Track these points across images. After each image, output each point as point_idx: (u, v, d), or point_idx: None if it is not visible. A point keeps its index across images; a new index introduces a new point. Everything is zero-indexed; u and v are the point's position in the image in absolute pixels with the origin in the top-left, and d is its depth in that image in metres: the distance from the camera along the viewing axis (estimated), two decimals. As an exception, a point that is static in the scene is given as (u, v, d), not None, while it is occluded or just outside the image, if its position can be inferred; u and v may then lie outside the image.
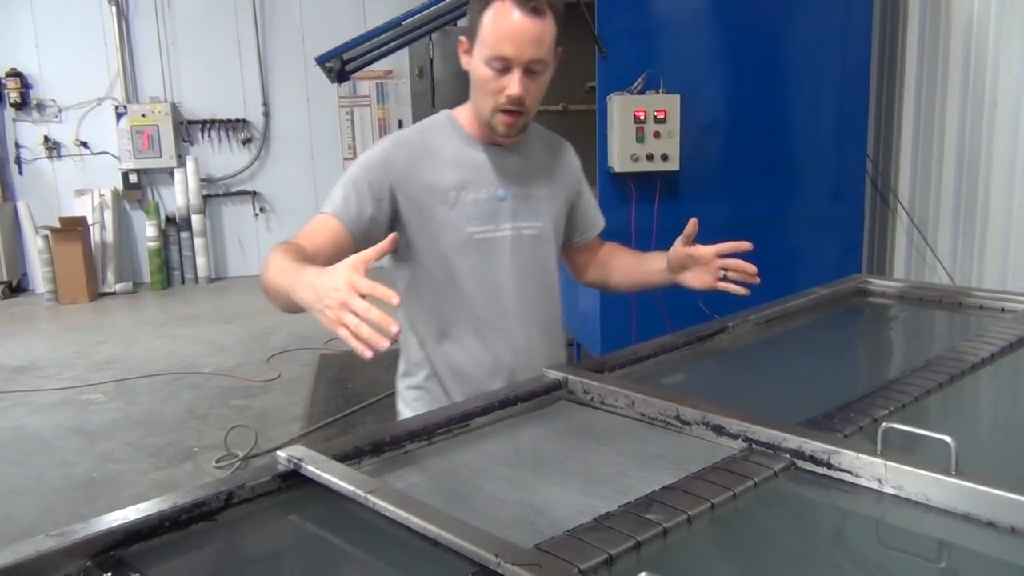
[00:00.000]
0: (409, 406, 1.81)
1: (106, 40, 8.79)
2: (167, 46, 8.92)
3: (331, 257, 1.53)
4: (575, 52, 5.10)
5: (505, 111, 1.63)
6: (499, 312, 1.75)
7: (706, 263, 1.75)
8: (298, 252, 1.49)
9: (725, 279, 1.74)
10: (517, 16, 1.55)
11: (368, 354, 1.19)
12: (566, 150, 1.92)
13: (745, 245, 1.73)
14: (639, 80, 3.54)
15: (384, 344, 1.18)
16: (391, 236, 1.39)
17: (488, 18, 1.57)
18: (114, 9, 8.69)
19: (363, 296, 1.20)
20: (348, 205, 1.64)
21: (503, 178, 1.74)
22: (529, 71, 1.59)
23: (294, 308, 1.40)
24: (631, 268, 1.95)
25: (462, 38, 1.66)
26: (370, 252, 1.29)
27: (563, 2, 1.64)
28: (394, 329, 1.19)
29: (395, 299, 1.21)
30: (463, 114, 1.76)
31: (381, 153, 1.69)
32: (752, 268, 1.73)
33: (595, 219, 1.99)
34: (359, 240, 1.63)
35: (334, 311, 1.22)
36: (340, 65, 5.25)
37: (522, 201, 1.76)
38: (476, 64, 1.61)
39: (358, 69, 5.69)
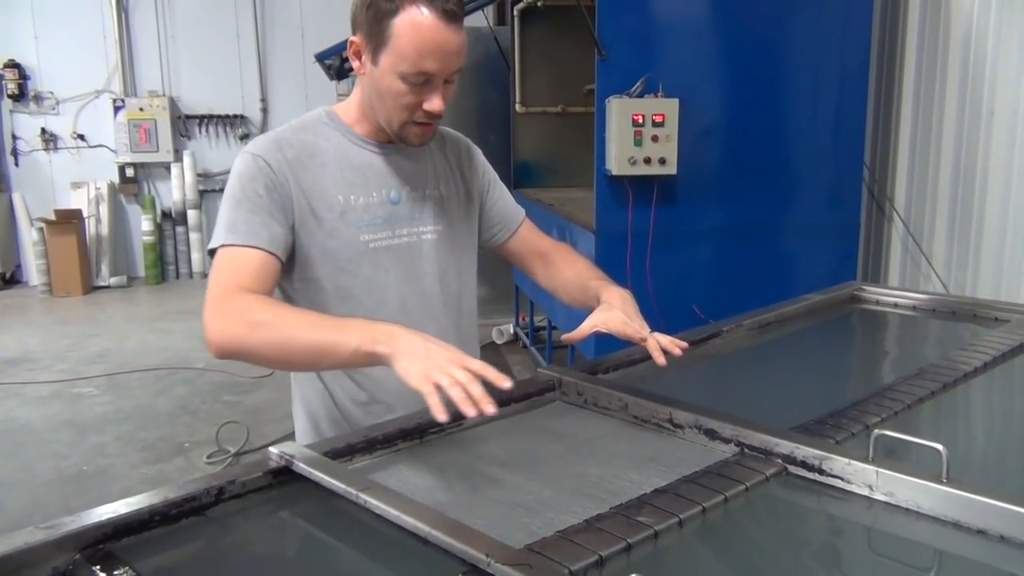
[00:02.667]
0: (309, 438, 1.62)
1: (105, 33, 8.77)
2: (166, 40, 8.91)
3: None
4: (574, 54, 5.14)
5: (418, 122, 1.49)
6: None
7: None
8: (287, 304, 1.43)
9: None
10: (438, 26, 1.39)
11: (444, 417, 1.16)
12: (463, 145, 1.76)
13: (641, 338, 1.55)
14: (638, 83, 3.55)
15: (472, 412, 1.15)
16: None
17: (403, 27, 1.39)
18: (114, 2, 8.68)
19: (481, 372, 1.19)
20: (255, 229, 1.45)
21: (395, 179, 1.59)
22: (447, 81, 1.46)
23: (330, 364, 1.36)
24: (578, 294, 1.77)
25: (354, 39, 1.47)
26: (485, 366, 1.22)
27: None
28: (490, 410, 1.16)
29: (507, 383, 1.19)
30: (347, 111, 1.59)
31: (259, 155, 1.51)
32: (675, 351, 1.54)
33: (511, 211, 1.81)
34: (285, 259, 1.50)
35: (430, 366, 1.18)
36: (339, 62, 5.26)
37: (418, 203, 1.61)
38: (386, 76, 1.43)
39: (357, 67, 5.69)
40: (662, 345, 1.52)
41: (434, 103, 1.45)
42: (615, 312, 1.59)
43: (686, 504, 1.10)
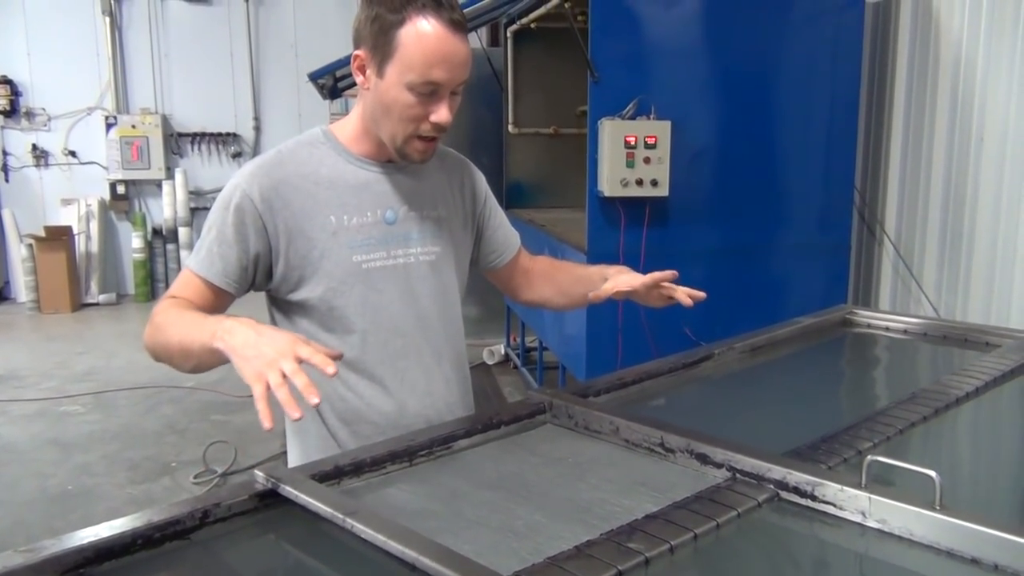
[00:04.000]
0: (298, 455, 1.64)
1: (98, 50, 8.78)
2: (159, 58, 8.93)
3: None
4: (567, 76, 5.17)
5: (423, 137, 1.49)
6: (398, 351, 1.59)
7: (645, 295, 1.69)
8: (188, 307, 1.42)
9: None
10: (445, 35, 1.40)
11: (268, 424, 1.13)
12: (465, 167, 1.74)
13: (670, 274, 1.69)
14: (631, 105, 3.57)
15: (296, 415, 1.12)
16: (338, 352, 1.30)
17: (410, 37, 1.39)
18: (107, 19, 8.70)
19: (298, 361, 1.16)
20: (212, 259, 1.49)
21: (391, 199, 1.57)
22: (452, 93, 1.46)
23: (197, 363, 1.35)
24: (577, 288, 1.81)
25: (359, 52, 1.46)
26: (316, 349, 1.20)
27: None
28: (315, 401, 1.14)
29: (331, 368, 1.16)
30: (343, 130, 1.58)
31: (241, 185, 1.50)
32: (698, 295, 1.71)
33: (509, 238, 1.83)
34: (237, 290, 1.52)
35: (263, 363, 1.16)
36: (333, 82, 5.27)
37: (415, 224, 1.59)
38: (392, 88, 1.43)
39: (351, 87, 5.70)
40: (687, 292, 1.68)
41: (441, 114, 1.45)
42: (631, 274, 1.71)
43: (677, 530, 1.09)
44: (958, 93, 3.73)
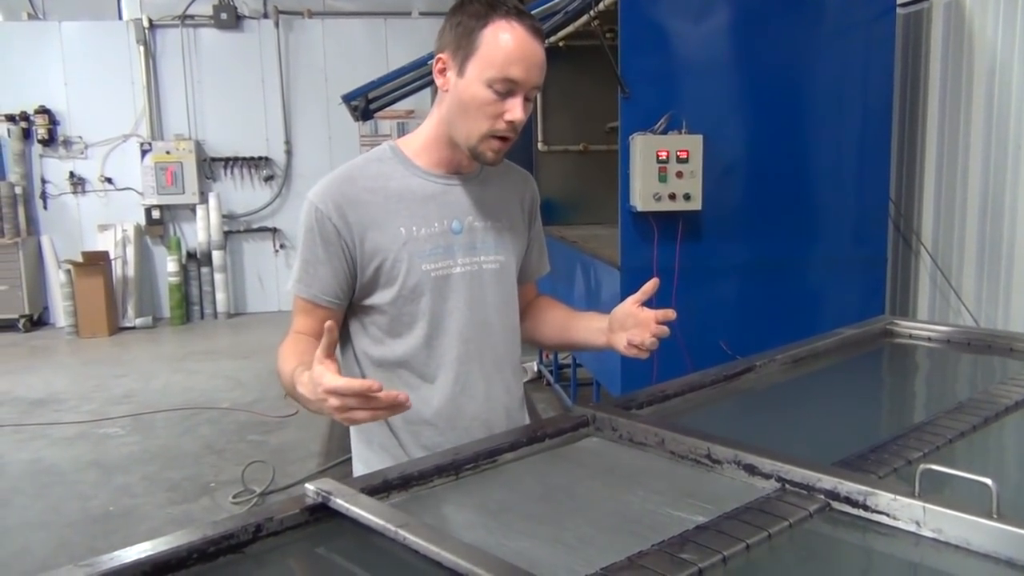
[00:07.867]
0: (365, 463, 1.69)
1: (133, 79, 8.96)
2: (192, 85, 9.09)
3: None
4: (595, 93, 5.19)
5: (497, 136, 1.53)
6: (461, 356, 1.63)
7: (643, 324, 1.59)
8: (295, 353, 1.49)
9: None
10: (526, 37, 1.48)
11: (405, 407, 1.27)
12: (528, 182, 1.80)
13: (671, 314, 1.58)
14: (662, 120, 3.57)
15: (405, 406, 1.26)
16: (328, 325, 1.31)
17: (492, 37, 1.47)
18: (142, 49, 8.87)
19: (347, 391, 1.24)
20: (309, 280, 1.57)
21: (457, 210, 1.62)
22: (526, 98, 1.51)
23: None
24: (568, 324, 1.80)
25: (441, 55, 1.53)
26: (321, 351, 1.27)
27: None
28: (402, 397, 1.25)
29: (375, 385, 1.23)
30: (410, 145, 1.64)
31: (315, 203, 1.56)
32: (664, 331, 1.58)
33: (540, 262, 1.86)
34: (338, 305, 1.59)
35: (340, 415, 1.27)
36: (365, 104, 5.32)
37: (479, 233, 1.65)
38: (471, 85, 1.49)
39: (382, 108, 5.76)
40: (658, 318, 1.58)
41: (516, 112, 1.49)
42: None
43: (729, 541, 1.08)
44: (993, 101, 3.69)
